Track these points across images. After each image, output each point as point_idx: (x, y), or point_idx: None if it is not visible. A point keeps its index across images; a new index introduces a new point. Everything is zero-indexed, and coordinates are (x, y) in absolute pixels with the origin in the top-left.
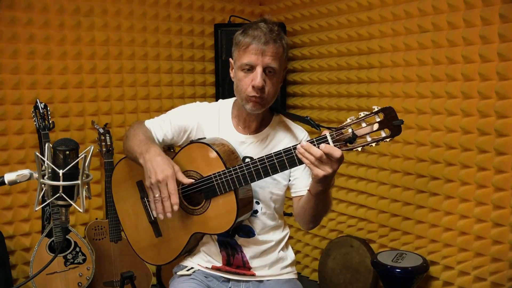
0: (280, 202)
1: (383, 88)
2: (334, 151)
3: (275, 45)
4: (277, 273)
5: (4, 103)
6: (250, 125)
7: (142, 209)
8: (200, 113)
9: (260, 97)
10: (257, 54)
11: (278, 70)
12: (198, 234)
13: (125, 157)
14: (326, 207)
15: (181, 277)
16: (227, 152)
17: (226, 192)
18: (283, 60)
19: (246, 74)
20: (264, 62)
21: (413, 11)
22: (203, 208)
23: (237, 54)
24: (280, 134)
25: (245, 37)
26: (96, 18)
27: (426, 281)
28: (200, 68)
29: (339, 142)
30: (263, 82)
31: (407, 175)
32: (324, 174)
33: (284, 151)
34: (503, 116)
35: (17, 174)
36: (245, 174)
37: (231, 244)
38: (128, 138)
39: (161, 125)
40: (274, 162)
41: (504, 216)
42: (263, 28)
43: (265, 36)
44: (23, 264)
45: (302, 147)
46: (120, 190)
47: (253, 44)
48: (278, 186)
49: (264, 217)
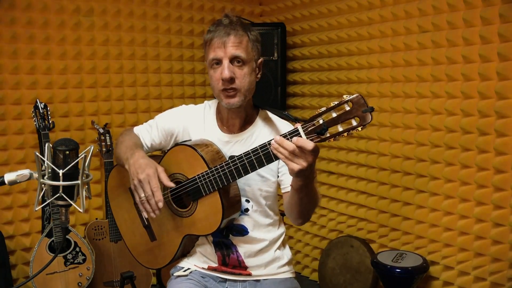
0: (271, 199)
1: (383, 88)
2: (306, 143)
3: (237, 34)
4: (273, 272)
5: (4, 103)
6: (233, 124)
7: (136, 215)
8: (185, 115)
9: (231, 88)
10: (220, 47)
11: (247, 59)
12: (192, 236)
13: (117, 165)
14: (312, 202)
15: (178, 278)
16: (211, 153)
17: (211, 193)
18: (250, 49)
19: (215, 69)
20: (228, 53)
21: (413, 11)
22: (191, 210)
23: (205, 53)
24: (265, 131)
25: (208, 34)
26: (96, 18)
27: (426, 281)
28: (200, 68)
29: (311, 133)
30: (232, 73)
31: (407, 175)
32: (300, 167)
33: (260, 147)
34: (503, 116)
35: (17, 174)
36: (226, 172)
37: (226, 244)
38: (117, 146)
39: (149, 131)
40: (252, 159)
41: (504, 216)
42: (223, 22)
43: (225, 28)
44: (23, 264)
45: (276, 142)
46: (115, 197)
47: (215, 38)
48: (266, 182)
49: (256, 215)
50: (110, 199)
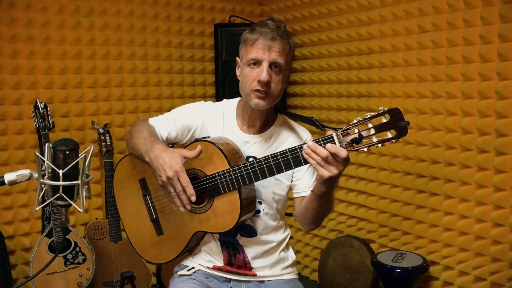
0: (282, 203)
1: (383, 88)
2: (340, 151)
3: (282, 41)
4: (278, 273)
5: (4, 103)
6: (254, 124)
7: (144, 207)
8: (205, 112)
9: (265, 91)
10: (264, 49)
11: (284, 67)
12: (200, 233)
13: (128, 155)
14: (328, 209)
15: (181, 276)
16: (231, 151)
17: (230, 191)
18: (289, 58)
19: (252, 69)
20: (270, 58)
21: (413, 11)
22: (206, 206)
23: (244, 51)
24: (284, 134)
25: (252, 34)
26: (96, 18)
27: (426, 281)
28: (200, 68)
29: (345, 142)
30: (269, 77)
31: (407, 175)
32: (330, 175)
33: (290, 151)
34: (503, 116)
35: (17, 174)
36: (249, 172)
37: (233, 244)
38: (132, 136)
39: (166, 123)
40: (279, 161)
41: (504, 216)
42: (270, 25)
43: (272, 32)
44: (23, 264)
45: (309, 147)
46: (121, 188)
47: (260, 40)
48: (280, 186)
49: (267, 217)
50: (115, 189)
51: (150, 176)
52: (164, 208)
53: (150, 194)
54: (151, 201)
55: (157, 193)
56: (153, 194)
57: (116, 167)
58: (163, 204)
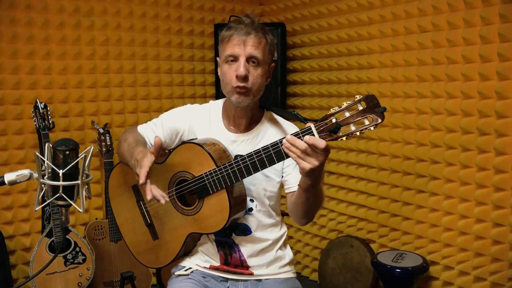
0: (275, 199)
1: (383, 88)
2: (318, 142)
3: (257, 34)
4: (275, 272)
5: (4, 103)
6: (240, 123)
7: (139, 213)
8: (191, 115)
9: (244, 87)
10: (239, 45)
11: (262, 61)
12: (195, 235)
13: (120, 163)
14: (317, 202)
15: (179, 277)
16: (218, 151)
17: (218, 191)
18: (267, 52)
19: (230, 66)
20: (246, 52)
21: (413, 11)
22: (197, 208)
23: (221, 49)
24: (271, 131)
25: (227, 31)
26: (96, 18)
27: (426, 281)
28: (200, 68)
29: (324, 132)
30: (247, 71)
31: (407, 175)
32: (311, 167)
33: (271, 145)
34: (503, 116)
35: (17, 174)
36: (235, 170)
37: (229, 244)
38: (120, 144)
39: (153, 129)
40: (262, 157)
41: (504, 216)
42: (244, 21)
43: (246, 27)
44: (23, 264)
45: (288, 140)
46: (116, 196)
47: (235, 35)
48: (271, 182)
49: (260, 214)
50: (111, 197)
51: None
52: (157, 212)
53: (143, 199)
54: (145, 206)
55: None
56: (146, 200)
57: (110, 175)
58: (156, 209)
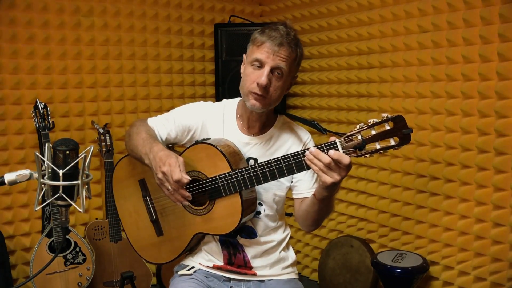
0: (281, 204)
1: (383, 88)
2: (343, 158)
3: (289, 48)
4: (278, 273)
5: (4, 103)
6: (254, 126)
7: (144, 208)
8: (205, 112)
9: (262, 95)
10: (269, 53)
11: (286, 74)
12: (200, 234)
13: (128, 155)
14: (329, 211)
15: (181, 276)
16: (232, 153)
17: (231, 194)
18: (294, 66)
19: (254, 70)
20: (274, 62)
21: (413, 11)
22: (207, 208)
23: (251, 50)
24: (284, 135)
25: (261, 36)
26: (96, 18)
27: (426, 281)
28: (200, 68)
29: (348, 148)
30: (268, 81)
31: (407, 175)
32: (333, 181)
33: (293, 156)
34: (503, 116)
35: (17, 174)
36: (251, 176)
37: (233, 244)
38: (130, 137)
39: (165, 124)
40: (281, 166)
41: (504, 216)
42: (280, 30)
43: (281, 38)
44: (23, 264)
45: (311, 153)
46: (121, 188)
47: (267, 43)
48: (281, 187)
49: (267, 219)
50: (114, 190)
51: (150, 177)
52: (164, 209)
53: (150, 195)
54: (151, 202)
55: (157, 194)
56: (153, 195)
57: (116, 166)
58: (163, 206)
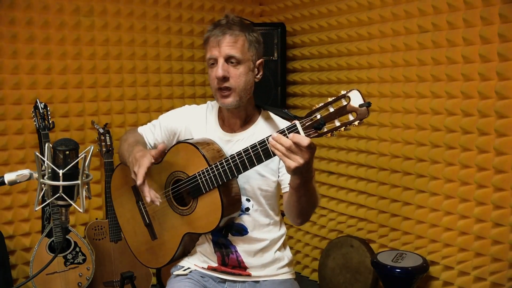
0: (272, 199)
1: (383, 88)
2: (301, 139)
3: (232, 33)
4: (273, 273)
5: (4, 103)
6: (234, 123)
7: (138, 213)
8: (188, 115)
9: (226, 87)
10: (215, 46)
11: (242, 59)
12: (192, 235)
13: (120, 164)
14: (311, 202)
15: (177, 276)
16: (212, 151)
17: (211, 190)
18: (246, 49)
19: (211, 69)
20: (222, 53)
21: (413, 11)
22: (191, 208)
23: (205, 53)
24: (266, 130)
25: (206, 34)
26: (96, 18)
27: (426, 281)
28: (200, 68)
29: (309, 129)
30: (225, 72)
31: (407, 175)
32: (296, 165)
33: (259, 143)
34: (503, 116)
35: (17, 174)
36: (225, 169)
37: (226, 244)
38: (120, 145)
39: (152, 130)
40: (250, 155)
41: (504, 216)
42: (221, 22)
43: (221, 27)
44: (23, 264)
45: (273, 138)
46: (118, 196)
47: (211, 37)
48: (266, 182)
49: (257, 214)
50: (113, 198)
51: None
52: (155, 212)
53: (142, 199)
54: (144, 206)
55: None
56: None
57: (112, 175)
58: (154, 209)
